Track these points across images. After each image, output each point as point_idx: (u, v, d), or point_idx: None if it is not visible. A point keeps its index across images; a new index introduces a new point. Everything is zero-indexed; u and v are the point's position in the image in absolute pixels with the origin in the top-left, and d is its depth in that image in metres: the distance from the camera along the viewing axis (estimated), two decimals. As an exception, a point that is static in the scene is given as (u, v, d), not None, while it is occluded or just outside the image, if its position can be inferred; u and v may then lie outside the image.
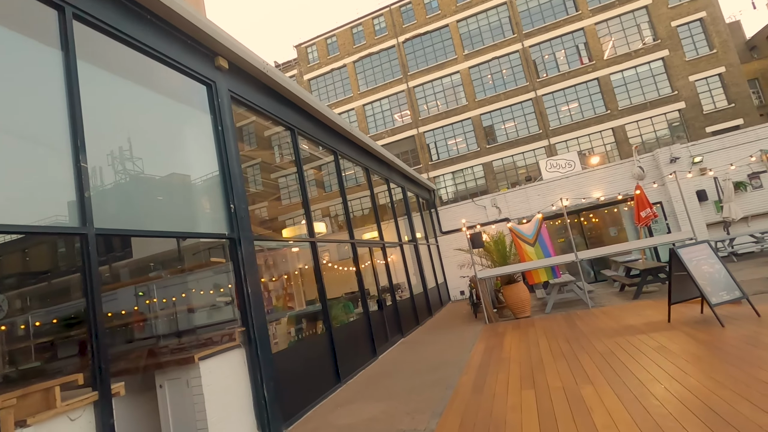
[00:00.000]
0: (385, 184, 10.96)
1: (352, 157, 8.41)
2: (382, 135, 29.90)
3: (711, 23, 23.75)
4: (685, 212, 12.56)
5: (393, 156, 10.76)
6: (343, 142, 7.99)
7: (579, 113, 25.61)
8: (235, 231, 4.38)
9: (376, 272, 8.32)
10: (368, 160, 9.40)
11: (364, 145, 8.89)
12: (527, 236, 8.65)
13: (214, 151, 4.50)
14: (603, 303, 8.72)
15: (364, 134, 8.76)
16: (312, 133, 6.78)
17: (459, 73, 28.30)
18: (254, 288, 4.38)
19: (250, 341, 4.22)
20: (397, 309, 8.99)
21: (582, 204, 13.46)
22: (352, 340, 6.58)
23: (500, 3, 27.70)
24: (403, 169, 12.00)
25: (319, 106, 6.67)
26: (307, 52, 33.07)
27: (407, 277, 10.45)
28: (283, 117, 5.98)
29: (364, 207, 12.69)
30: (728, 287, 5.30)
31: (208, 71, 4.60)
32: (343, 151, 7.99)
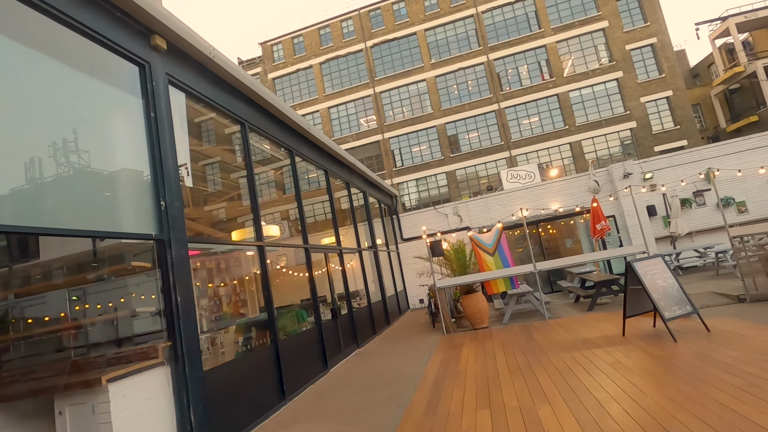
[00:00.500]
0: (345, 188, 10.58)
1: (310, 157, 7.98)
2: (346, 139, 29.50)
3: (661, 49, 25.24)
4: (638, 226, 13.04)
5: (354, 159, 10.41)
6: (300, 141, 7.55)
7: (539, 127, 26.39)
8: (165, 231, 3.85)
9: (331, 279, 7.90)
10: (328, 161, 8.99)
11: (324, 145, 8.48)
12: (487, 245, 8.54)
13: (144, 140, 3.96)
14: (559, 314, 8.73)
15: (326, 135, 8.36)
16: (266, 129, 6.31)
17: (425, 82, 28.47)
18: (185, 296, 3.87)
19: (177, 357, 3.70)
20: (353, 318, 8.59)
21: (541, 215, 13.66)
22: (301, 352, 6.11)
23: (467, 15, 28.19)
24: (365, 173, 11.68)
25: (274, 100, 6.22)
26: (273, 51, 32.24)
27: (365, 284, 10.09)
28: (231, 109, 5.48)
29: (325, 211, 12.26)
30: (680, 302, 5.32)
31: (142, 50, 4.07)
32: (301, 150, 7.55)
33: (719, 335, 5.09)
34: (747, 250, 7.25)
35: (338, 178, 9.90)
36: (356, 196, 11.96)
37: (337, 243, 8.81)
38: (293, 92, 31.47)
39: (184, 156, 4.60)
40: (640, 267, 5.45)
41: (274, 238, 8.13)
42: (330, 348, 7.12)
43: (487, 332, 8.06)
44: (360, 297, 10.31)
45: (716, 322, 5.66)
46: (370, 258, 11.82)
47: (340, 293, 8.67)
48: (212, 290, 7.23)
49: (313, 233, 13.12)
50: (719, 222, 12.69)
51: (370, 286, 11.78)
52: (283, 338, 5.75)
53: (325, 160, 8.81)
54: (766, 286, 6.99)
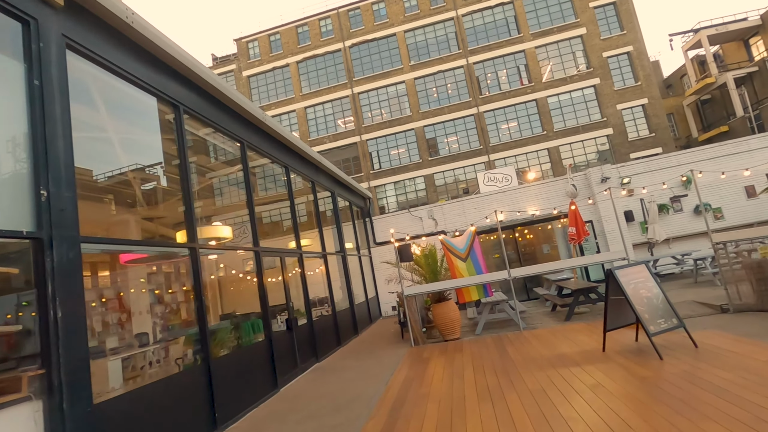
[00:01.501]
0: (310, 188, 9.82)
1: (265, 151, 7.21)
2: (323, 140, 28.74)
3: (637, 57, 25.46)
4: (616, 231, 12.71)
5: (320, 156, 9.68)
6: (253, 132, 6.78)
7: (518, 132, 26.22)
8: (44, 228, 3.05)
9: (287, 286, 7.12)
10: (288, 157, 8.24)
11: (283, 139, 7.73)
12: (459, 250, 7.93)
13: (24, 113, 3.15)
14: (535, 324, 8.18)
15: (284, 128, 7.61)
16: (207, 114, 5.53)
17: (404, 84, 28.00)
18: (70, 310, 3.07)
19: (53, 390, 2.89)
20: (313, 329, 7.82)
21: (517, 219, 13.20)
22: (243, 371, 5.32)
23: (447, 18, 27.92)
24: (334, 173, 10.96)
25: (217, 82, 5.45)
26: (248, 48, 31.26)
27: (329, 291, 9.34)
28: (160, 87, 4.70)
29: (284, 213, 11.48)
30: (666, 314, 4.80)
31: (27, 4, 3.27)
32: (253, 142, 6.78)
33: (708, 352, 4.57)
34: (730, 257, 6.85)
35: (301, 176, 9.15)
36: (323, 196, 11.22)
37: (297, 246, 8.05)
38: (269, 91, 30.55)
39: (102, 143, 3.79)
40: (623, 275, 4.90)
41: (225, 240, 7.31)
42: (282, 364, 6.34)
43: (458, 344, 7.43)
44: (324, 305, 9.56)
45: (703, 336, 5.16)
46: (337, 263, 11.09)
47: (298, 302, 7.91)
48: (158, 297, 6.38)
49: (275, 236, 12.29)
50: (696, 228, 12.48)
51: (336, 293, 11.02)
52: (219, 356, 4.96)
53: (284, 156, 8.05)
54: (750, 296, 6.58)
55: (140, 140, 4.98)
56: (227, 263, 8.40)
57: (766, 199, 12.03)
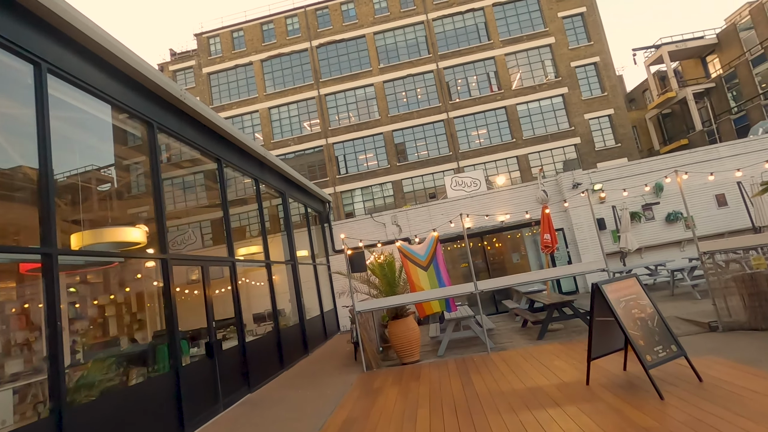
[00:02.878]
0: (254, 187, 8.56)
1: (186, 137, 5.95)
2: (287, 142, 27.39)
3: (603, 68, 25.63)
4: (589, 240, 12.07)
5: (266, 151, 8.45)
6: (165, 110, 5.51)
7: (487, 139, 25.79)
8: None
9: (209, 302, 5.82)
10: (222, 148, 6.98)
11: (212, 124, 6.48)
12: (419, 257, 6.89)
13: None
14: (504, 343, 7.22)
15: (212, 111, 6.36)
16: (82, 77, 4.23)
17: (373, 86, 27.13)
18: None
19: None
20: (246, 353, 6.54)
21: (486, 226, 12.37)
22: (122, 421, 4.02)
23: (418, 22, 27.35)
24: (284, 171, 9.73)
25: (95, 33, 4.17)
26: (210, 44, 29.62)
27: (273, 306, 8.07)
28: (20, 43, 3.41)
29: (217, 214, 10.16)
30: (664, 339, 3.88)
31: None
32: (169, 125, 5.52)
33: (716, 388, 3.67)
34: (718, 268, 6.13)
35: (241, 173, 7.89)
36: (270, 197, 9.98)
37: (229, 254, 6.78)
38: (230, 90, 28.96)
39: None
40: (611, 291, 3.97)
41: (138, 245, 5.95)
42: (194, 402, 5.04)
43: (417, 369, 6.34)
44: (266, 322, 8.29)
45: (701, 364, 4.29)
46: (287, 273, 9.84)
47: (226, 319, 6.64)
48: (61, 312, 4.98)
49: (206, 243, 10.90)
50: (668, 237, 12.02)
51: (285, 307, 9.76)
52: (84, 401, 3.65)
53: (218, 147, 6.79)
54: (741, 312, 5.85)
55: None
56: (126, 277, 6.99)
57: (736, 209, 11.71)
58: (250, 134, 28.12)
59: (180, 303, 5.29)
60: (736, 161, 11.77)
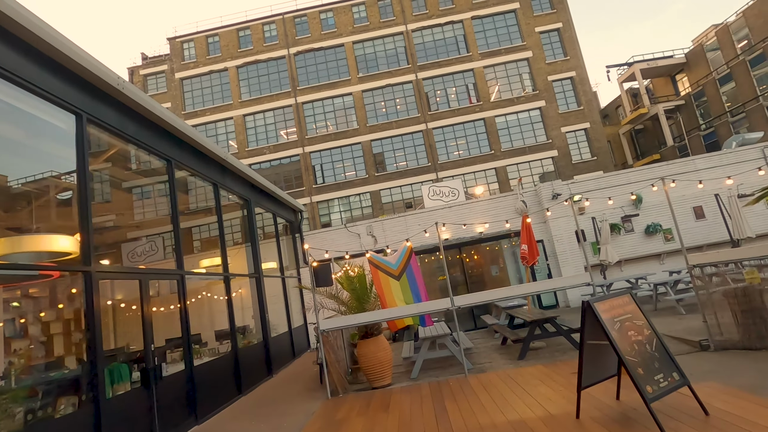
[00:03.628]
0: (213, 193, 7.83)
1: (130, 135, 5.23)
2: (263, 151, 26.59)
3: (579, 83, 25.98)
4: (569, 252, 11.74)
5: (226, 153, 7.76)
6: (100, 101, 4.80)
7: (466, 150, 25.66)
8: None
9: (146, 321, 5.04)
10: (173, 148, 6.27)
11: (159, 120, 5.78)
12: (391, 265, 6.28)
13: None
14: (483, 364, 6.66)
15: (159, 105, 5.67)
16: (13, 69, 3.54)
17: (352, 96, 26.72)
18: None
19: None
20: (193, 378, 5.75)
21: (464, 238, 11.91)
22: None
23: (397, 32, 27.23)
24: (249, 176, 9.03)
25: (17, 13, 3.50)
26: (183, 48, 28.72)
27: (231, 323, 7.29)
28: None
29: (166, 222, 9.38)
30: (664, 366, 3.38)
31: None
32: (103, 119, 4.80)
33: (725, 424, 3.18)
34: (708, 282, 5.76)
35: (197, 177, 7.17)
36: (234, 205, 9.25)
37: (178, 266, 6.02)
38: (204, 96, 28.04)
39: None
40: (605, 310, 3.46)
41: (68, 255, 5.15)
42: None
43: (387, 395, 5.69)
44: (222, 342, 7.51)
45: (703, 392, 3.80)
46: (251, 287, 9.07)
47: (172, 340, 5.87)
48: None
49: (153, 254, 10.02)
50: (648, 250, 11.81)
51: (248, 324, 8.98)
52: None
53: (164, 144, 6.07)
54: (733, 330, 5.47)
55: None
56: (59, 293, 6.14)
57: (713, 222, 11.63)
58: (223, 142, 27.22)
59: (129, 321, 4.53)
60: (712, 173, 11.73)
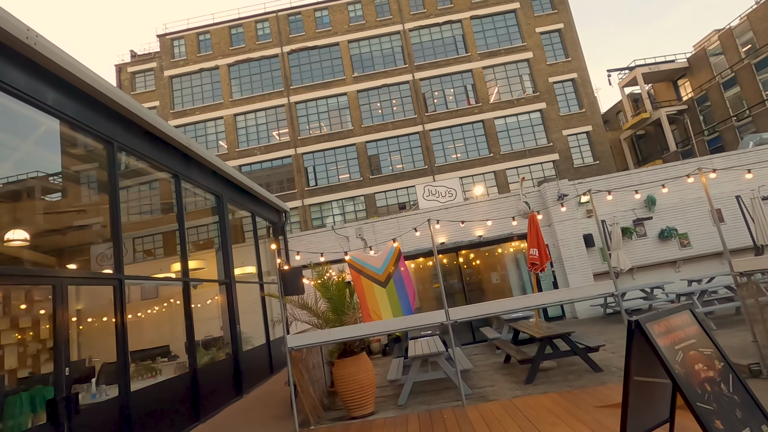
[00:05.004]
0: (172, 186, 6.81)
1: (50, 106, 4.22)
2: (253, 151, 25.62)
3: (581, 85, 25.20)
4: (576, 258, 10.75)
5: (189, 140, 6.74)
6: (18, 65, 3.80)
7: (464, 153, 24.78)
8: None
9: (59, 338, 3.99)
10: (112, 124, 5.24)
11: (93, 90, 4.75)
12: (375, 270, 5.27)
13: None
14: (484, 388, 5.62)
15: (96, 76, 4.65)
16: None
17: (347, 96, 25.84)
18: None
19: None
20: (128, 407, 4.68)
21: (462, 242, 10.90)
22: None
23: (394, 32, 26.45)
24: (219, 168, 8.01)
25: None
26: (173, 46, 27.83)
27: (189, 337, 6.23)
28: None
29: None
30: (749, 414, 2.37)
31: None
32: (10, 83, 3.80)
33: None
34: (757, 292, 4.76)
35: (151, 164, 6.15)
36: (202, 201, 8.23)
37: (117, 269, 4.98)
38: (194, 94, 27.11)
39: None
40: (660, 333, 2.44)
41: None
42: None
43: (367, 429, 4.64)
44: (177, 359, 6.45)
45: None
46: (221, 295, 8.01)
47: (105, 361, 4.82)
48: None
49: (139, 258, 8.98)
50: (663, 256, 10.83)
51: (213, 336, 7.92)
52: None
53: (103, 122, 5.05)
54: (791, 352, 4.47)
55: None
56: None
57: (734, 225, 10.67)
58: (213, 142, 26.26)
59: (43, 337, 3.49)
60: (731, 173, 10.81)
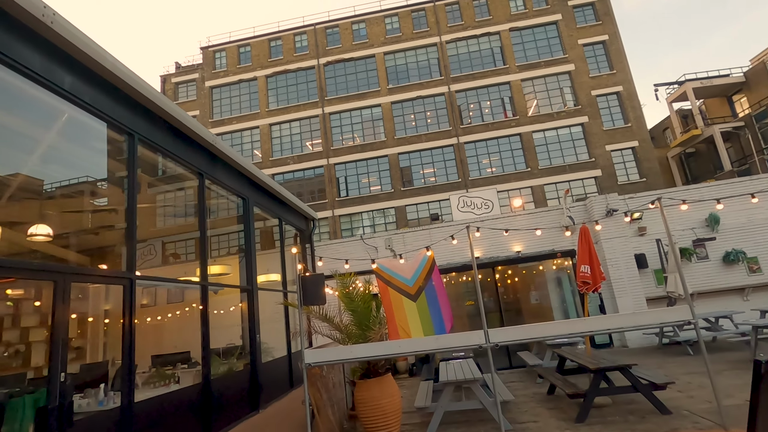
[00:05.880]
0: (197, 184, 6.55)
1: (67, 91, 3.99)
2: (286, 161, 25.83)
3: (627, 98, 23.99)
4: (626, 280, 9.74)
5: (213, 136, 6.48)
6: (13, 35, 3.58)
7: (500, 166, 23.96)
8: None
9: (54, 334, 3.65)
10: (134, 115, 5.01)
11: (111, 75, 4.52)
12: (405, 281, 4.69)
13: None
14: (526, 424, 4.88)
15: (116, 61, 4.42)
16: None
17: (380, 107, 25.71)
18: None
19: None
20: (132, 419, 4.29)
21: (498, 257, 10.14)
22: None
23: (430, 44, 26.25)
24: (247, 170, 7.73)
25: None
26: (215, 58, 28.78)
27: (204, 346, 5.84)
28: None
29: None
30: None
31: None
32: (24, 62, 3.57)
33: None
34: None
35: (176, 161, 5.89)
36: (227, 203, 7.96)
37: (128, 268, 4.66)
38: (232, 104, 27.80)
39: None
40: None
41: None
42: None
43: (391, 464, 4.04)
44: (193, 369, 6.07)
45: None
46: (243, 302, 7.65)
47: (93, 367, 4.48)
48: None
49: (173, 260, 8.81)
50: (728, 282, 9.66)
51: (236, 343, 7.53)
52: None
53: (124, 112, 4.82)
54: None
55: None
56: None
57: (814, 251, 9.40)
58: (248, 151, 26.69)
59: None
60: (810, 192, 9.58)
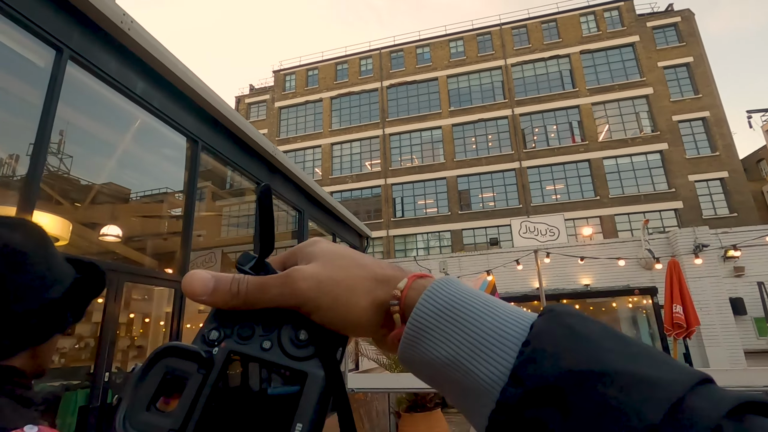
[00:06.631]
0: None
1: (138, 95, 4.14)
2: (345, 179, 26.31)
3: (715, 124, 21.76)
4: (717, 327, 8.45)
5: (273, 146, 6.54)
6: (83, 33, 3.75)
7: (565, 193, 22.56)
8: None
9: (103, 333, 3.65)
10: (194, 120, 5.11)
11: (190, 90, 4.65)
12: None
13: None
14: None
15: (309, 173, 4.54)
16: None
17: (441, 129, 25.53)
18: None
19: None
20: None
21: (564, 290, 9.27)
22: None
23: (495, 67, 25.83)
24: (302, 181, 7.74)
25: None
26: (285, 80, 30.43)
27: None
28: None
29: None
30: None
31: None
32: (87, 57, 3.74)
33: None
34: None
35: (231, 166, 5.98)
36: (283, 215, 7.98)
37: (179, 271, 4.69)
38: (297, 124, 29.06)
39: None
40: None
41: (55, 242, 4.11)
42: None
43: None
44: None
45: None
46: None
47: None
48: None
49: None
50: None
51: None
52: None
53: (185, 115, 4.94)
54: None
55: None
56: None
57: None
58: (309, 168, 27.57)
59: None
60: None
